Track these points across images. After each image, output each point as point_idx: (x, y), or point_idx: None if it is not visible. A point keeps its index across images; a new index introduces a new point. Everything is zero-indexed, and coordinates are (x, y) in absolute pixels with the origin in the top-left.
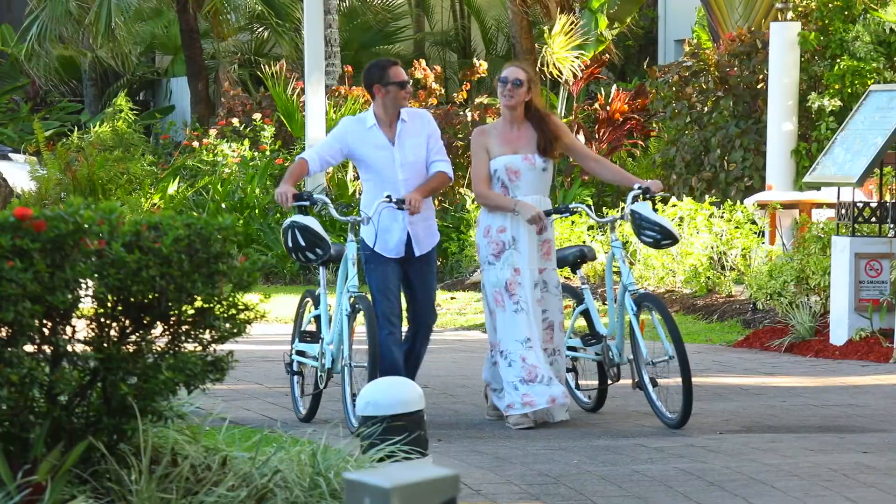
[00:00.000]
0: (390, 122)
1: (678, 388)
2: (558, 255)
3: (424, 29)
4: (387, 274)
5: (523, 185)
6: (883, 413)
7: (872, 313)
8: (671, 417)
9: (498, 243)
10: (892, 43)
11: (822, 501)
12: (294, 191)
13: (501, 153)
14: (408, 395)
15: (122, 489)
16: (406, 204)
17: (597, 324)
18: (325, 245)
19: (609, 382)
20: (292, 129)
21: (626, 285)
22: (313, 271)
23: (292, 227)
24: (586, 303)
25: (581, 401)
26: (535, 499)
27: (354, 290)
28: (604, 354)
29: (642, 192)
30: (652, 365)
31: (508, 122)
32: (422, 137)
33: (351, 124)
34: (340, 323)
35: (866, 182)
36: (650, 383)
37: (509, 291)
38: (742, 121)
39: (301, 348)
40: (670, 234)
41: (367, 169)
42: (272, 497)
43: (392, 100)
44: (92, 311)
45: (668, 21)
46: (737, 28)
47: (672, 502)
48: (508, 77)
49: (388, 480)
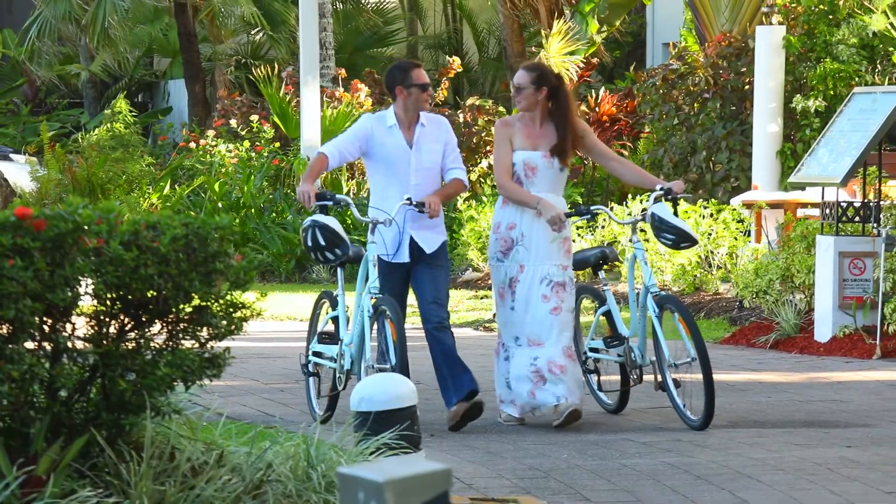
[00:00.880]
0: (409, 124)
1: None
2: (580, 257)
3: (417, 32)
4: (392, 283)
5: (539, 182)
6: (866, 408)
7: (856, 311)
8: (694, 420)
9: (507, 240)
10: (875, 47)
11: (806, 495)
12: (316, 190)
13: (522, 147)
14: (401, 391)
15: (121, 483)
16: (426, 207)
17: (619, 325)
18: (344, 246)
19: (631, 384)
20: (287, 130)
21: (648, 287)
22: (308, 270)
23: (313, 226)
24: (608, 304)
25: (604, 402)
26: (526, 492)
27: (376, 292)
28: (626, 356)
29: (664, 193)
30: (674, 367)
31: (530, 119)
32: (439, 143)
33: (371, 121)
34: (361, 324)
35: (850, 182)
36: (673, 385)
37: (511, 289)
38: (728, 122)
39: (318, 349)
40: (688, 237)
41: (379, 169)
42: (267, 490)
43: (413, 102)
44: (91, 309)
45: (655, 25)
46: (723, 31)
47: (660, 496)
48: (513, 83)
49: (382, 474)
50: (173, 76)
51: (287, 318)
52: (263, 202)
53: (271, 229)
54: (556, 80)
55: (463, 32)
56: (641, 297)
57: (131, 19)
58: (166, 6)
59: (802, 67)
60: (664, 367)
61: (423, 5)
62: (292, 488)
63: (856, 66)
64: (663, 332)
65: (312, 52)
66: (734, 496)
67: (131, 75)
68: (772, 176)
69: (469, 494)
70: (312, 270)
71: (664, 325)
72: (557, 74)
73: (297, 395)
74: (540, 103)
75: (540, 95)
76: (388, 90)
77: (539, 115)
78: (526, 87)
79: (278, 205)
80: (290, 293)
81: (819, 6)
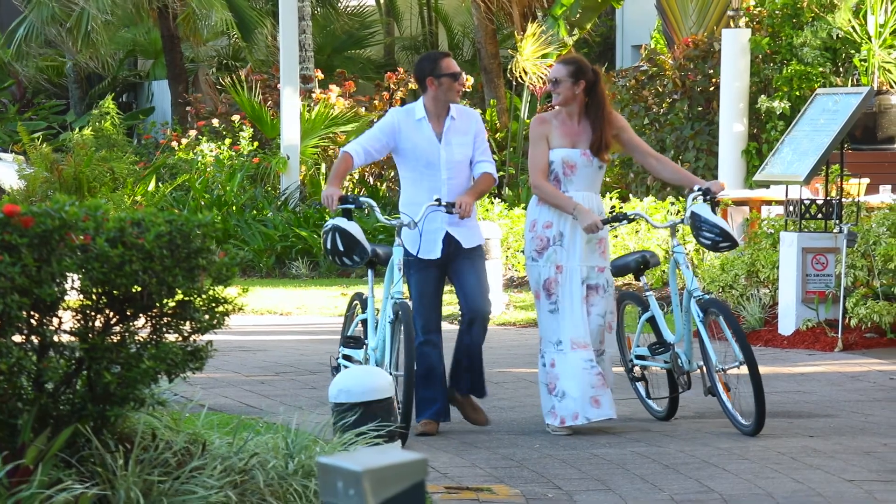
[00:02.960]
0: (439, 116)
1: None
2: (620, 263)
3: (394, 34)
4: (426, 281)
5: (577, 180)
6: (828, 399)
7: (818, 305)
8: (746, 425)
9: (542, 239)
10: (838, 49)
11: (771, 483)
12: (340, 193)
13: (560, 145)
14: (378, 383)
15: (107, 473)
16: (457, 208)
17: (664, 331)
18: (362, 252)
19: (679, 391)
20: (264, 131)
21: (691, 291)
22: (287, 265)
23: (334, 230)
24: (652, 310)
25: (653, 410)
26: (500, 481)
27: (399, 297)
28: (672, 362)
29: (702, 192)
30: (722, 371)
31: (567, 115)
32: (469, 136)
33: (399, 115)
34: (384, 329)
35: (813, 180)
36: (723, 389)
37: (548, 290)
38: (696, 122)
39: (347, 352)
40: (729, 237)
41: (409, 165)
42: (249, 479)
43: (445, 92)
44: (77, 304)
45: (625, 27)
46: (691, 34)
47: (629, 484)
48: (550, 76)
49: (360, 464)
50: (156, 77)
51: (267, 312)
52: (244, 200)
53: (252, 226)
54: (593, 74)
55: (438, 35)
56: (685, 302)
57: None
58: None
59: (768, 69)
60: (712, 372)
61: (399, 8)
62: (274, 476)
63: (820, 67)
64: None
65: (292, 54)
66: (701, 484)
67: (115, 76)
68: (737, 174)
69: (444, 483)
70: (292, 266)
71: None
72: (594, 68)
73: (276, 387)
74: (578, 98)
75: (578, 89)
76: (417, 82)
77: (577, 110)
78: (563, 80)
79: (259, 202)
80: (270, 288)
81: (783, 9)
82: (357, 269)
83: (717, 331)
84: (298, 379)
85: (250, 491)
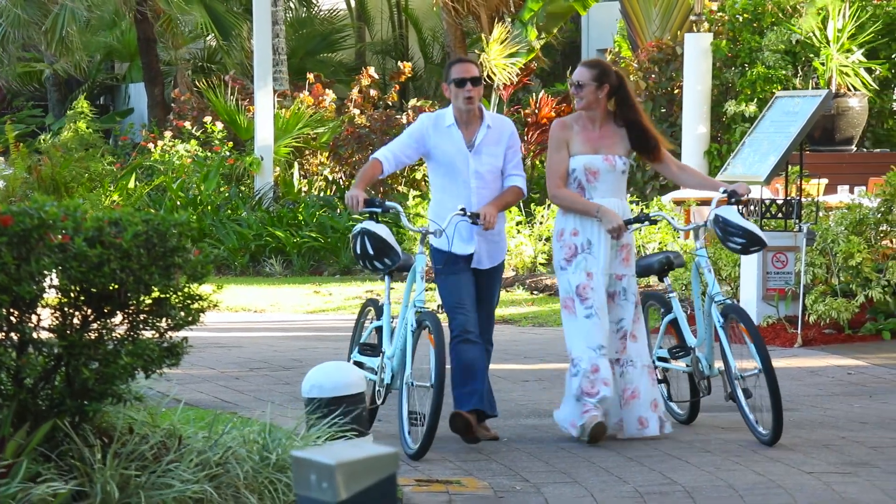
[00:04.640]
0: (467, 123)
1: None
2: (644, 263)
3: (365, 38)
4: (461, 284)
5: (601, 186)
6: (788, 394)
7: (779, 302)
8: (764, 434)
9: (571, 247)
10: (798, 53)
11: (732, 475)
12: (365, 196)
13: (581, 152)
14: (350, 379)
15: (85, 466)
16: (481, 219)
17: (686, 334)
18: (394, 255)
19: (700, 395)
20: (238, 132)
21: (713, 295)
22: (262, 264)
23: (363, 233)
24: (674, 312)
25: (675, 413)
26: (469, 474)
27: (421, 305)
28: (693, 366)
29: (728, 195)
30: (741, 379)
31: (589, 120)
32: (500, 147)
33: (429, 121)
34: (404, 337)
35: (773, 181)
36: (743, 396)
37: (581, 296)
38: (659, 124)
39: (359, 360)
40: (758, 240)
41: (438, 171)
42: (225, 472)
43: (454, 97)
44: (56, 301)
45: (590, 31)
46: (654, 38)
47: (595, 477)
48: (573, 80)
49: (333, 458)
50: (133, 80)
51: (242, 309)
52: (220, 200)
53: (227, 225)
54: (616, 78)
55: (409, 38)
56: (706, 306)
57: (91, 28)
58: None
59: (728, 73)
60: (732, 378)
61: (370, 13)
62: (249, 469)
63: (782, 70)
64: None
65: (266, 57)
66: (664, 476)
67: (93, 79)
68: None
69: (415, 476)
70: (265, 264)
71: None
72: (618, 73)
73: (251, 382)
74: (601, 102)
75: (601, 93)
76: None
77: (599, 115)
78: (587, 83)
79: (233, 202)
80: (244, 286)
81: (743, 14)
82: (361, 271)
83: (736, 336)
84: (272, 374)
85: (226, 484)
